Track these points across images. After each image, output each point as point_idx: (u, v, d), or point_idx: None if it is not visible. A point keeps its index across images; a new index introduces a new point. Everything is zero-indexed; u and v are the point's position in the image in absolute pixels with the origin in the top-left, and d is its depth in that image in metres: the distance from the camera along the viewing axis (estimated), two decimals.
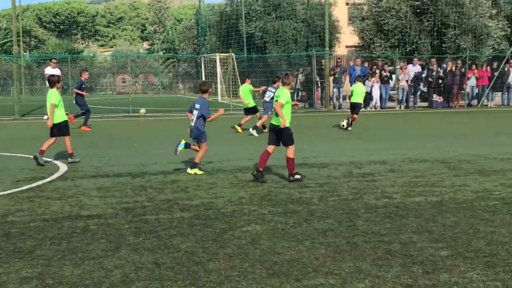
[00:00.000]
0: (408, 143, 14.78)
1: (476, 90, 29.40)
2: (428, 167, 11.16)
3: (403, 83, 27.87)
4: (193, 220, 7.28)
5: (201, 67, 38.46)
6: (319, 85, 28.88)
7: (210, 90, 10.88)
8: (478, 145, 14.22)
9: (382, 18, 31.27)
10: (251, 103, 18.38)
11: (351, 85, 27.55)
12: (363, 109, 24.20)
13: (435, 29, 31.10)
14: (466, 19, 30.68)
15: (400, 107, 27.97)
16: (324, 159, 12.26)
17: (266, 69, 34.25)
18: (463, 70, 28.53)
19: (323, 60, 28.17)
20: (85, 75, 19.86)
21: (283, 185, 9.53)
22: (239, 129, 18.29)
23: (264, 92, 18.33)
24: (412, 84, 28.27)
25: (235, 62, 33.51)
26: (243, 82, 19.76)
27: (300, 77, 32.15)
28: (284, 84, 10.21)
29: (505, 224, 6.99)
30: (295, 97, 32.37)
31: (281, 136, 10.00)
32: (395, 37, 31.11)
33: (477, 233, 6.64)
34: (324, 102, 28.29)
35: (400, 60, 29.18)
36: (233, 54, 32.16)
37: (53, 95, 11.93)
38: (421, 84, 28.59)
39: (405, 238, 6.48)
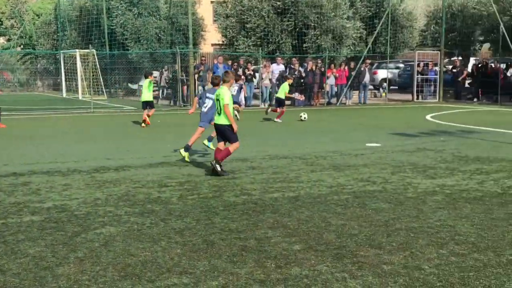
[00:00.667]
0: (269, 141, 15.08)
1: (335, 89, 30.61)
2: (287, 163, 11.43)
3: (266, 82, 28.42)
4: (43, 224, 6.94)
5: (60, 64, 37.03)
6: (185, 82, 28.77)
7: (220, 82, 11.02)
8: (336, 142, 14.78)
9: (245, 16, 31.71)
10: (149, 97, 19.36)
11: None
12: None
13: (296, 29, 32.01)
14: (325, 20, 31.86)
15: (264, 105, 28.49)
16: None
17: (129, 66, 33.64)
18: (322, 69, 29.61)
19: (188, 58, 28.09)
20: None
21: (142, 185, 9.35)
22: (144, 124, 18.86)
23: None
24: (277, 83, 28.91)
25: (96, 59, 32.58)
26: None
27: (166, 75, 31.88)
28: (224, 82, 10.33)
29: (355, 217, 7.29)
30: (161, 94, 32.06)
31: (224, 134, 10.33)
32: (258, 35, 31.65)
33: (329, 226, 6.87)
34: (189, 100, 28.19)
35: (264, 58, 29.76)
36: (94, 50, 31.24)
37: None
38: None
39: (260, 234, 6.57)
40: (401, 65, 39.24)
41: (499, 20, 29.80)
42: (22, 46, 52.97)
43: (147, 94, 19.36)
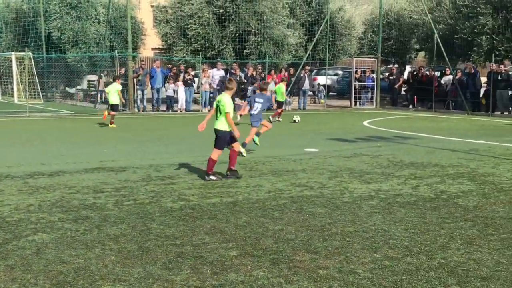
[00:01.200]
0: (208, 145, 14.98)
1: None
2: (226, 168, 11.39)
3: (206, 86, 28.33)
4: None
5: None
6: (124, 86, 28.38)
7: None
8: (274, 147, 14.85)
9: (186, 23, 31.59)
10: (116, 101, 20.19)
11: (152, 87, 27.54)
12: (169, 112, 24.63)
13: (237, 35, 32.08)
14: (266, 27, 32.07)
15: (201, 110, 28.39)
16: (123, 163, 12.01)
17: (67, 69, 32.95)
18: (263, 75, 29.73)
19: (127, 62, 27.72)
20: None
21: (77, 190, 9.15)
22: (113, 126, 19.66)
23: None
24: (218, 88, 28.87)
25: (32, 62, 31.79)
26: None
27: (104, 79, 31.40)
28: (227, 89, 10.35)
29: (292, 222, 7.34)
30: (99, 99, 31.54)
31: (216, 138, 10.44)
32: (199, 42, 31.59)
33: (266, 231, 6.89)
34: (128, 104, 27.84)
35: (204, 64, 29.68)
36: (30, 53, 30.46)
37: None
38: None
39: (197, 240, 6.52)
40: (340, 72, 39.87)
41: (433, 29, 30.64)
42: None
43: (114, 98, 20.21)
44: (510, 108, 26.71)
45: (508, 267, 5.63)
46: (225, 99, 10.21)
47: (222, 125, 10.32)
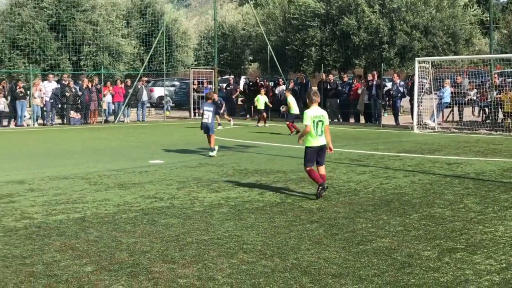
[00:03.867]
0: (47, 161, 14.41)
1: (113, 107, 30.22)
2: (69, 184, 11.03)
3: (37, 100, 27.08)
4: None
5: None
6: None
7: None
8: (118, 160, 14.58)
9: (16, 32, 30.08)
10: None
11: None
12: None
13: (72, 45, 31.14)
14: (101, 37, 31.44)
15: (34, 124, 27.14)
16: None
17: None
18: (99, 86, 29.06)
19: None
20: None
21: None
22: None
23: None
24: (52, 101, 27.72)
25: None
26: None
27: None
28: (313, 102, 9.73)
29: (146, 234, 7.28)
30: None
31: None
32: (34, 52, 30.24)
33: (120, 245, 6.78)
34: None
35: (37, 76, 28.40)
36: None
37: None
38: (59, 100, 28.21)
39: (48, 258, 6.26)
40: (177, 83, 40.08)
41: (266, 40, 31.86)
42: None
43: None
44: (339, 116, 28.45)
45: (355, 263, 6.03)
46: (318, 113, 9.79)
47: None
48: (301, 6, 33.06)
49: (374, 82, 25.79)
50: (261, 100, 25.93)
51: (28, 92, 27.26)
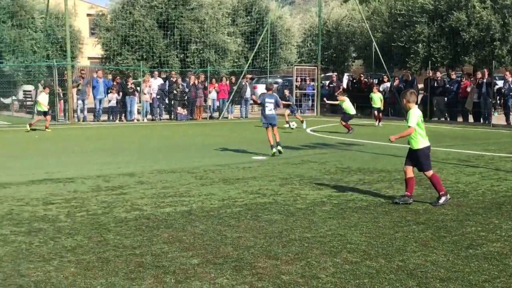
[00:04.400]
0: (155, 155, 14.91)
1: (217, 103, 30.84)
2: (177, 177, 11.35)
3: (146, 96, 28.10)
4: None
5: None
6: (62, 96, 27.86)
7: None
8: (222, 156, 14.86)
9: (128, 30, 31.32)
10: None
11: (94, 98, 27.11)
12: (106, 122, 24.65)
13: (180, 43, 32.06)
14: (207, 35, 32.15)
15: (143, 120, 28.16)
16: (70, 174, 11.78)
17: (2, 79, 32.08)
18: (206, 83, 29.74)
19: (65, 71, 27.21)
20: None
21: (26, 202, 8.93)
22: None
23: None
24: (158, 97, 28.67)
25: None
26: None
27: (41, 89, 30.66)
28: (414, 102, 9.00)
29: (249, 229, 7.37)
30: (36, 109, 30.76)
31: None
32: (143, 49, 31.42)
33: (225, 239, 6.90)
34: (67, 114, 27.32)
35: (146, 72, 29.45)
36: None
37: None
38: (166, 96, 29.14)
39: (156, 249, 6.47)
40: (280, 80, 40.24)
41: (371, 37, 31.36)
42: None
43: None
44: (446, 114, 27.56)
45: (464, 268, 5.82)
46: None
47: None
48: (408, 2, 32.36)
49: (485, 80, 24.77)
50: (375, 98, 25.04)
51: (138, 88, 28.32)
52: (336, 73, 36.96)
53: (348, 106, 22.25)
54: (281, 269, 5.80)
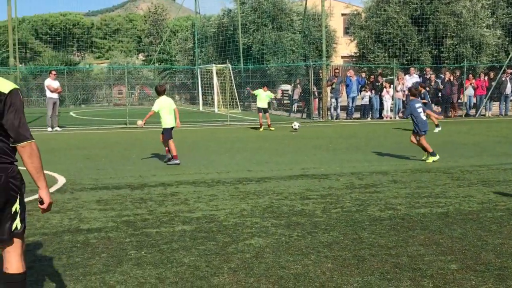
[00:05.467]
0: (408, 153, 14.65)
1: (474, 100, 29.39)
2: (431, 177, 11.04)
3: (398, 94, 27.81)
4: (195, 233, 7.13)
5: (197, 78, 38.39)
6: (316, 95, 28.85)
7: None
8: (480, 155, 14.11)
9: (381, 27, 31.34)
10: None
11: (346, 95, 27.62)
12: (359, 120, 24.92)
13: (434, 38, 31.17)
14: (464, 29, 30.77)
15: (395, 117, 27.91)
16: (324, 170, 12.13)
17: (264, 79, 34.24)
18: (462, 79, 28.53)
19: (320, 71, 28.12)
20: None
21: (284, 196, 9.39)
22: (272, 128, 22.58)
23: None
24: (409, 94, 28.20)
25: (231, 73, 33.42)
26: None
27: (299, 88, 32.13)
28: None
29: None
30: (293, 108, 32.32)
31: None
32: (396, 46, 31.20)
33: (486, 245, 6.51)
34: (322, 112, 28.22)
35: (398, 70, 29.18)
36: (229, 65, 32.09)
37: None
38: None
39: (412, 251, 6.34)
40: None
41: None
42: (160, 62, 55.60)
43: (262, 103, 22.78)
44: None
45: None
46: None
47: None
48: None
49: None
50: None
51: (391, 85, 28.15)
52: None
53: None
54: None
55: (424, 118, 13.46)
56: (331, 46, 37.68)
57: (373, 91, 27.59)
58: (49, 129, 23.40)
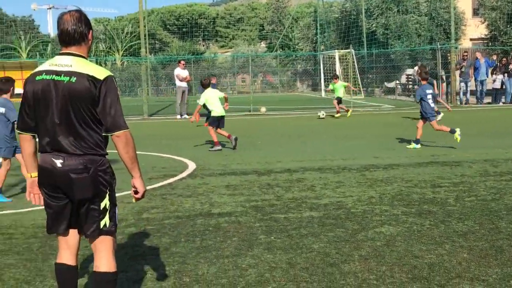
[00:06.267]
0: None
1: None
2: None
3: None
4: (323, 220, 7.11)
5: (319, 65, 38.24)
6: (444, 79, 27.82)
7: None
8: None
9: None
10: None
11: (474, 79, 26.39)
12: (490, 105, 23.73)
13: None
14: None
15: None
16: (455, 157, 11.68)
17: (387, 64, 33.55)
18: None
19: (448, 54, 27.08)
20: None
21: (414, 184, 9.14)
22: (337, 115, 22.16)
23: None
24: None
25: (354, 59, 32.98)
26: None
27: (412, 71, 31.11)
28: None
29: None
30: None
31: None
32: None
33: None
34: (450, 97, 27.19)
35: None
36: (352, 50, 31.68)
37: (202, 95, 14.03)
38: None
39: None
40: None
41: None
42: (282, 49, 55.92)
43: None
44: None
45: None
46: None
47: None
48: None
49: None
50: None
51: None
52: None
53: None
54: None
55: (432, 104, 13.35)
56: (460, 28, 36.14)
57: (506, 74, 26.18)
58: (178, 116, 24.26)
